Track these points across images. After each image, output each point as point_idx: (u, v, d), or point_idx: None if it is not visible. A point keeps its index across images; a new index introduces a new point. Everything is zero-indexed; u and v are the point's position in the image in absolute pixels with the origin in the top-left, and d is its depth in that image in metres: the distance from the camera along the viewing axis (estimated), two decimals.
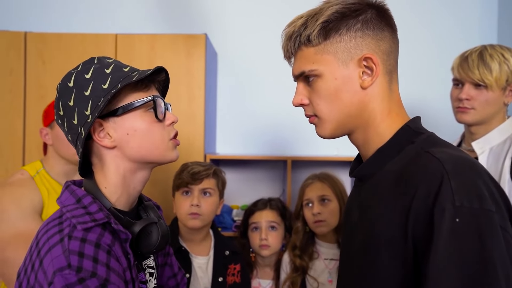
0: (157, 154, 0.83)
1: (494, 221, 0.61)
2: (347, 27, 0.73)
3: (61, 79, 0.83)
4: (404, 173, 0.69)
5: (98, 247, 0.73)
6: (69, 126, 0.81)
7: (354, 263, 0.77)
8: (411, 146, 0.73)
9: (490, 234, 0.60)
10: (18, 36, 1.89)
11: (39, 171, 1.40)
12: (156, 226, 0.84)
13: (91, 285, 0.69)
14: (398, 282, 0.66)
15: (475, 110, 1.29)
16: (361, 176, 0.80)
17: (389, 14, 0.78)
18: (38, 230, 0.79)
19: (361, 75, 0.74)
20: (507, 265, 0.59)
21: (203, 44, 1.89)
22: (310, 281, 1.55)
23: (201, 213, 1.44)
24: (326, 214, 1.54)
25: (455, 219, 0.60)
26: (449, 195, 0.61)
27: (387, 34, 0.76)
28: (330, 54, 0.74)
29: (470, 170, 0.64)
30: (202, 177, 1.45)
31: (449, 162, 0.64)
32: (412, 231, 0.64)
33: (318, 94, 0.76)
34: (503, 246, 0.60)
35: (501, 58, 1.26)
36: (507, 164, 1.24)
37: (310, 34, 0.74)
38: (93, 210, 0.77)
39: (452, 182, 0.61)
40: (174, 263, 1.05)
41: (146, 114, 0.81)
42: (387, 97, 0.76)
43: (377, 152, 0.76)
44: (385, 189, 0.72)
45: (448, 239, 0.59)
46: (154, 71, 0.82)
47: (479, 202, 0.61)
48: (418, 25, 2.19)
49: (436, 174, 0.63)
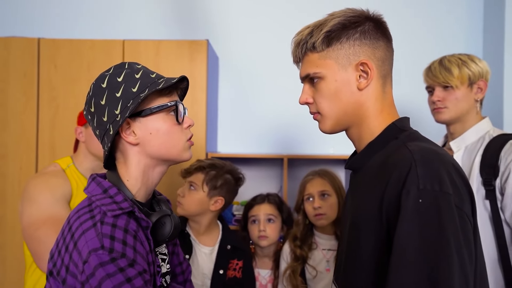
0: (174, 153, 0.90)
1: (450, 202, 0.69)
2: (347, 36, 0.83)
3: (95, 80, 0.90)
4: (385, 163, 0.78)
5: (126, 232, 0.80)
6: (99, 122, 0.87)
7: (345, 242, 0.87)
8: (395, 141, 0.82)
9: (446, 212, 0.69)
10: (32, 42, 1.97)
11: (69, 165, 1.50)
12: (170, 218, 0.93)
13: (121, 264, 0.76)
14: (375, 253, 0.75)
15: (447, 108, 1.40)
16: (354, 167, 0.89)
17: (385, 26, 0.87)
18: (69, 216, 0.86)
19: (358, 78, 0.83)
20: (459, 236, 0.68)
21: (205, 49, 1.97)
22: (309, 269, 1.62)
23: (182, 203, 1.54)
24: (326, 208, 1.61)
25: (418, 199, 0.69)
26: (415, 180, 0.70)
27: (382, 44, 0.85)
28: (332, 59, 0.83)
29: (435, 160, 0.73)
30: (191, 171, 1.57)
31: (418, 153, 0.74)
32: (386, 211, 0.73)
33: (321, 94, 0.85)
34: (457, 221, 0.69)
35: (459, 62, 1.40)
36: (477, 161, 1.35)
37: (315, 41, 0.84)
38: (119, 200, 0.84)
39: (419, 169, 0.71)
40: (180, 252, 1.12)
41: (168, 116, 0.89)
42: (380, 98, 0.85)
43: (367, 146, 0.85)
44: (369, 177, 0.81)
45: (412, 215, 0.69)
46: (178, 80, 0.89)
47: (439, 186, 0.70)
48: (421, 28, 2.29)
49: (407, 162, 0.73)
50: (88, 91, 0.90)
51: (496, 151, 1.32)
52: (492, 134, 1.38)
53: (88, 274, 0.76)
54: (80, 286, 0.77)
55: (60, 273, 0.81)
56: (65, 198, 1.41)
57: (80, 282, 0.77)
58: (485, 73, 1.41)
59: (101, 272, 0.75)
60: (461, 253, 0.68)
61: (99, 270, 0.75)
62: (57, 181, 1.42)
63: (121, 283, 0.75)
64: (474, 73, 1.39)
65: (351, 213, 0.86)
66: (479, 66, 1.40)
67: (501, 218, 1.29)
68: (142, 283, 0.78)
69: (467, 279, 0.68)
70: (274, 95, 2.29)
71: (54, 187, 1.40)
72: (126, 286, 0.75)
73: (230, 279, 1.56)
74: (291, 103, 2.35)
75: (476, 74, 1.39)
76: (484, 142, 1.37)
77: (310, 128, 2.20)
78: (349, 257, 0.83)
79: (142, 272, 0.79)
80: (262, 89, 2.32)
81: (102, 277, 0.75)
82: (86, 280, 0.76)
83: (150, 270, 0.84)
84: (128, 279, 0.76)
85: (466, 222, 0.71)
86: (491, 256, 1.29)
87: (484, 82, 1.41)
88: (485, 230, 1.30)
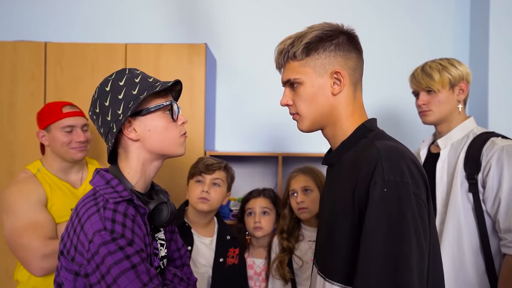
0: (171, 148, 1.00)
1: (409, 190, 0.80)
2: (323, 48, 0.93)
3: (99, 84, 0.99)
4: (356, 159, 0.88)
5: (125, 216, 0.90)
6: (103, 122, 0.97)
7: (324, 228, 0.97)
8: (364, 140, 0.92)
9: (405, 199, 0.80)
10: (39, 46, 2.03)
11: (39, 169, 1.51)
12: (166, 205, 1.02)
13: (121, 243, 0.86)
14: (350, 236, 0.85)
15: (432, 111, 1.49)
16: (329, 163, 1.01)
17: (356, 40, 0.97)
18: (77, 204, 0.96)
19: (332, 85, 0.94)
20: (416, 219, 0.80)
21: (204, 52, 2.03)
22: (296, 260, 1.71)
23: (210, 199, 1.60)
24: (308, 202, 1.70)
25: (383, 189, 0.80)
26: (381, 173, 0.81)
27: (353, 55, 0.95)
28: (310, 68, 0.94)
29: (397, 156, 0.84)
30: (215, 169, 1.63)
31: (383, 150, 0.84)
32: (358, 200, 0.84)
33: (300, 97, 0.95)
34: (415, 206, 0.80)
35: (439, 67, 1.47)
36: (461, 157, 1.43)
37: (296, 51, 0.94)
38: (120, 189, 0.94)
39: (384, 164, 0.82)
40: (178, 239, 1.20)
41: (164, 115, 0.99)
42: (351, 102, 0.95)
43: (341, 144, 0.95)
44: (343, 172, 0.92)
45: (378, 202, 0.80)
46: (173, 83, 1.00)
47: (401, 177, 0.81)
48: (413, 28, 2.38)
49: (374, 158, 0.83)
50: (93, 94, 1.00)
51: (479, 147, 1.39)
52: (476, 132, 1.46)
53: (93, 252, 0.86)
54: (86, 263, 0.87)
55: (69, 252, 0.91)
56: (40, 202, 1.44)
57: (86, 259, 0.87)
58: (466, 75, 1.49)
59: (104, 250, 0.85)
60: (418, 233, 0.79)
61: (102, 248, 0.85)
62: (30, 188, 1.44)
63: (121, 259, 0.85)
64: (454, 76, 1.46)
65: (328, 202, 0.97)
66: (459, 70, 1.48)
67: (482, 210, 1.37)
68: (139, 260, 0.87)
69: (423, 254, 0.79)
70: (269, 96, 2.33)
71: (28, 193, 1.42)
72: (125, 262, 0.85)
73: (229, 266, 1.66)
74: None
75: (456, 77, 1.47)
76: (468, 139, 1.45)
77: None
78: (328, 241, 0.93)
79: (139, 251, 0.89)
80: (257, 90, 2.38)
81: (105, 254, 0.85)
82: (91, 257, 0.86)
83: (147, 250, 0.94)
84: (127, 256, 0.86)
85: (422, 207, 0.82)
86: (474, 244, 1.38)
87: (465, 83, 1.48)
88: (468, 220, 1.38)
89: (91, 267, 0.86)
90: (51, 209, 1.47)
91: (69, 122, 1.52)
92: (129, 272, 0.85)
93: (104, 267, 0.85)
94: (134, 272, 0.85)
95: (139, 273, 0.86)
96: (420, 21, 2.37)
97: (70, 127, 1.52)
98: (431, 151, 1.59)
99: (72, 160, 1.54)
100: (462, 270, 1.39)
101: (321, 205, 1.07)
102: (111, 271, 0.84)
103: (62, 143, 1.50)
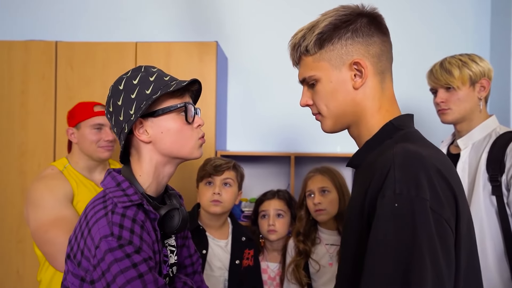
0: (185, 151, 0.95)
1: (426, 207, 0.67)
2: (339, 36, 0.81)
3: (113, 82, 0.96)
4: (372, 163, 0.77)
5: (134, 222, 0.86)
6: (116, 121, 0.94)
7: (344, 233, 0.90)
8: (389, 140, 0.80)
9: (421, 217, 0.66)
10: (49, 45, 2.05)
11: (66, 166, 1.53)
12: (178, 212, 0.97)
13: (128, 250, 0.82)
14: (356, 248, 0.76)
15: (451, 109, 1.43)
16: (353, 165, 0.90)
17: (379, 20, 0.83)
18: (86, 206, 0.92)
19: (353, 77, 0.82)
20: (434, 241, 0.66)
21: (214, 50, 2.02)
22: (313, 264, 1.65)
23: (222, 200, 1.56)
24: (326, 203, 1.64)
25: (394, 204, 0.67)
26: (391, 184, 0.68)
27: (376, 40, 0.82)
28: (325, 61, 0.82)
29: (416, 164, 0.70)
30: (224, 169, 1.59)
31: (400, 156, 0.71)
32: (367, 210, 0.73)
33: (319, 96, 0.85)
34: (432, 226, 0.66)
35: (459, 63, 1.41)
36: (483, 157, 1.37)
37: (307, 44, 0.82)
38: (130, 193, 0.90)
39: (396, 173, 0.69)
40: (191, 245, 1.15)
41: (179, 117, 0.94)
42: (378, 95, 0.83)
43: (365, 144, 0.84)
44: (362, 176, 0.81)
45: (387, 219, 0.68)
46: (189, 83, 0.94)
47: (416, 190, 0.67)
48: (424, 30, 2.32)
49: (386, 165, 0.71)
50: (108, 92, 0.97)
51: (503, 148, 1.33)
52: (498, 132, 1.40)
53: (99, 258, 0.82)
54: (92, 269, 0.84)
55: (76, 256, 0.88)
56: (67, 198, 1.45)
57: (92, 265, 0.84)
58: (487, 71, 1.42)
59: (110, 256, 0.82)
60: (435, 257, 0.66)
61: (108, 255, 0.82)
62: (57, 183, 1.45)
63: (127, 267, 0.82)
64: (475, 73, 1.40)
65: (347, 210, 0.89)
66: (480, 66, 1.41)
67: (507, 213, 1.31)
68: (147, 269, 0.83)
69: (442, 283, 0.66)
70: (281, 95, 2.33)
71: (55, 189, 1.43)
72: (132, 270, 0.82)
73: (245, 268, 1.62)
74: (298, 102, 2.41)
75: (478, 74, 1.41)
76: (490, 139, 1.39)
77: (316, 127, 2.20)
78: (342, 251, 0.87)
79: (147, 259, 0.85)
80: (269, 88, 2.36)
81: (111, 261, 0.82)
82: (97, 263, 0.83)
83: (156, 258, 0.90)
84: (134, 264, 0.82)
85: (444, 228, 0.68)
86: (498, 249, 1.32)
87: (486, 80, 1.42)
88: (491, 224, 1.32)
89: (96, 273, 0.83)
90: (77, 206, 1.48)
91: (99, 121, 1.53)
92: (135, 281, 0.81)
93: (109, 275, 0.82)
94: (141, 282, 0.82)
95: (146, 283, 0.82)
96: (437, 13, 2.30)
97: (100, 125, 1.53)
98: (450, 152, 1.53)
99: (98, 159, 1.56)
100: (485, 276, 1.33)
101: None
102: (117, 280, 0.81)
103: (90, 141, 1.52)
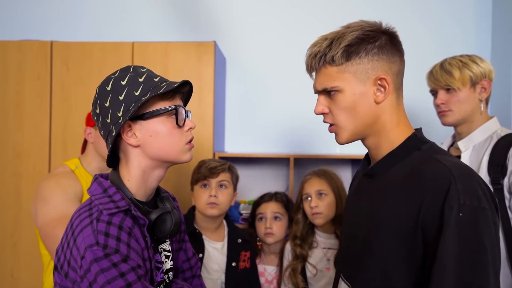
0: (173, 155, 0.92)
1: (488, 217, 0.74)
2: (366, 51, 0.84)
3: (101, 82, 0.92)
4: (415, 174, 0.81)
5: (120, 229, 0.83)
6: (103, 123, 0.91)
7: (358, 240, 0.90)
8: (418, 152, 0.85)
9: (484, 227, 0.73)
10: (45, 45, 2.02)
11: (77, 166, 1.53)
12: (170, 215, 0.94)
13: (114, 260, 0.79)
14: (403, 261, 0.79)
15: (452, 111, 1.41)
16: (373, 173, 0.91)
17: (398, 40, 0.89)
18: (72, 214, 0.89)
19: (375, 92, 0.86)
20: (494, 250, 0.74)
21: (212, 50, 2.00)
22: (310, 268, 1.63)
23: (219, 202, 1.56)
24: (323, 207, 1.62)
25: (459, 213, 0.73)
26: (456, 195, 0.74)
27: (397, 58, 0.88)
28: (350, 73, 0.85)
29: (469, 176, 0.78)
30: (219, 171, 1.59)
31: (455, 169, 0.78)
32: (422, 221, 0.76)
33: (338, 106, 0.87)
34: (494, 236, 0.74)
35: (460, 64, 1.39)
36: (485, 160, 1.35)
37: (334, 55, 0.84)
38: (117, 199, 0.87)
39: (458, 185, 0.75)
40: (188, 248, 1.13)
41: (168, 120, 0.91)
42: (395, 110, 0.88)
43: (388, 155, 0.87)
44: (394, 186, 0.84)
45: (454, 229, 0.73)
46: (180, 84, 0.91)
47: (478, 201, 0.74)
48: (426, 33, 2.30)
49: (446, 178, 0.76)
50: (95, 93, 0.93)
51: (504, 150, 1.31)
52: (500, 134, 1.38)
53: (86, 269, 0.80)
54: (80, 280, 0.81)
55: (63, 267, 0.85)
56: (77, 197, 1.44)
57: (79, 276, 0.81)
58: (488, 72, 1.41)
59: (96, 267, 0.79)
60: (496, 266, 0.74)
61: (94, 265, 0.79)
62: (68, 181, 1.46)
63: (114, 277, 0.79)
64: (475, 73, 1.38)
65: (368, 217, 0.89)
66: (480, 67, 1.39)
67: (509, 217, 1.29)
68: (135, 278, 0.80)
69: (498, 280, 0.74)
70: (280, 95, 2.31)
71: (66, 187, 1.44)
72: (119, 280, 0.79)
73: (241, 270, 1.61)
74: (297, 103, 2.39)
75: (478, 75, 1.39)
76: (492, 141, 1.37)
77: (316, 128, 2.23)
78: (368, 259, 0.86)
79: (135, 267, 0.82)
80: (268, 89, 2.34)
81: (97, 272, 0.79)
82: (84, 274, 0.80)
83: (146, 265, 0.87)
84: (121, 274, 0.79)
85: (498, 236, 0.76)
86: (501, 254, 1.30)
87: (487, 81, 1.40)
88: None
89: (84, 285, 0.80)
90: None
91: None
92: None
93: (96, 286, 0.79)
94: None
95: None
96: (438, 14, 2.29)
97: None
98: None
99: None
100: None
101: (350, 215, 0.99)
102: None
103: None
